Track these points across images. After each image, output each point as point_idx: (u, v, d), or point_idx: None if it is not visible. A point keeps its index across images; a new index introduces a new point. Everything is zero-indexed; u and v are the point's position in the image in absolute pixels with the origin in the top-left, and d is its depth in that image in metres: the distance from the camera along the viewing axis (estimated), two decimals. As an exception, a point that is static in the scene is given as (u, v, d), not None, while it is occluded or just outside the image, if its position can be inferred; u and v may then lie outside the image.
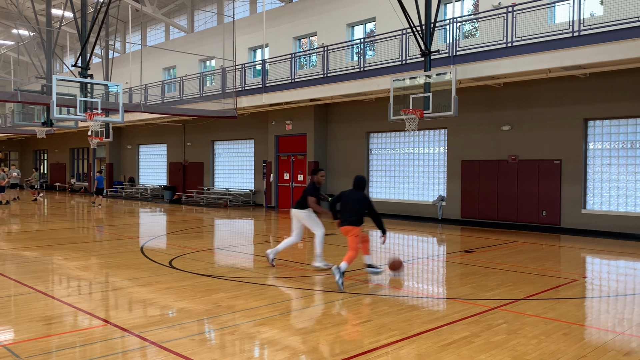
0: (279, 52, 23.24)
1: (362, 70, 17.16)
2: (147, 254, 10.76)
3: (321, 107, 21.31)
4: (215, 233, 15.52)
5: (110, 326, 5.85)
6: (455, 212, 17.40)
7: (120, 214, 20.86)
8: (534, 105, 15.63)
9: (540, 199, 15.45)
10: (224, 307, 6.68)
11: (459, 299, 7.22)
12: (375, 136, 20.20)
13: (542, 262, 10.24)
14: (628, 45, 11.78)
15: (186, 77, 25.57)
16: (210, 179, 27.37)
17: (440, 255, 11.28)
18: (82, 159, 38.65)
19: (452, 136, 17.54)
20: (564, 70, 13.67)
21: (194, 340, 5.41)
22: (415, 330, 5.74)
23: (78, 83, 17.54)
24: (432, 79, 13.98)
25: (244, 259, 10.64)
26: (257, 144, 24.64)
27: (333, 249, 11.80)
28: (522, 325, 5.99)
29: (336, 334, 5.60)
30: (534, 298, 7.29)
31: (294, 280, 8.32)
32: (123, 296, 7.30)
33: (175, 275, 8.64)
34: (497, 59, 13.87)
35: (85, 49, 17.77)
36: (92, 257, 10.58)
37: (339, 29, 21.49)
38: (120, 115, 17.24)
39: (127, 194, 31.62)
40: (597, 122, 14.71)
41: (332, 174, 21.39)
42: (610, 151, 14.47)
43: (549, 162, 15.28)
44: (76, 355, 4.95)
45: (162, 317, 6.30)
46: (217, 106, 21.89)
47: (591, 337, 5.69)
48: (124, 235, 13.91)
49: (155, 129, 30.28)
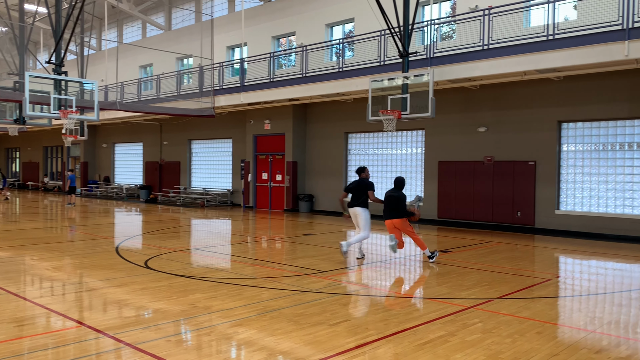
0: (257, 51, 23.15)
1: (340, 71, 17.21)
2: (123, 254, 10.62)
3: (300, 107, 21.30)
4: (192, 233, 15.39)
5: (84, 327, 5.76)
6: (432, 212, 17.56)
7: (95, 214, 20.54)
8: (509, 107, 15.86)
9: (515, 199, 15.68)
10: (201, 307, 6.63)
11: (435, 299, 7.29)
12: (353, 136, 20.27)
13: (517, 261, 10.40)
14: (600, 49, 12.04)
15: (163, 75, 25.30)
16: (187, 178, 27.14)
17: (418, 255, 11.37)
18: (56, 158, 37.95)
19: (430, 137, 17.70)
20: (538, 73, 13.90)
21: (169, 341, 5.36)
22: (391, 330, 5.78)
23: (52, 80, 17.22)
24: (410, 80, 14.09)
25: (221, 260, 10.57)
26: (235, 143, 24.51)
27: (311, 249, 11.80)
28: (497, 324, 6.07)
29: (313, 334, 5.60)
30: (508, 297, 7.40)
31: (271, 281, 8.30)
32: (97, 297, 7.19)
33: (151, 276, 8.55)
34: (474, 61, 14.04)
35: (59, 46, 17.45)
36: (65, 257, 10.40)
37: (318, 29, 21.51)
38: (95, 113, 16.98)
39: (102, 193, 31.16)
40: (570, 125, 15.00)
41: (311, 174, 21.40)
42: (583, 153, 14.77)
43: (524, 164, 15.53)
44: (49, 358, 4.86)
45: (137, 318, 6.22)
46: (194, 105, 21.71)
47: (564, 335, 5.80)
48: (99, 235, 13.71)
49: (132, 127, 29.91)
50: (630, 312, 6.82)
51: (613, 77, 13.85)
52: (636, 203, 13.85)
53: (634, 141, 13.92)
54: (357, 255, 10.59)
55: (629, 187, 13.95)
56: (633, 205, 13.89)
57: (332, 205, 20.53)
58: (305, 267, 9.50)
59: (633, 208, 13.89)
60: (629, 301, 7.44)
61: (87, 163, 33.77)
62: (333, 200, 20.47)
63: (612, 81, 13.94)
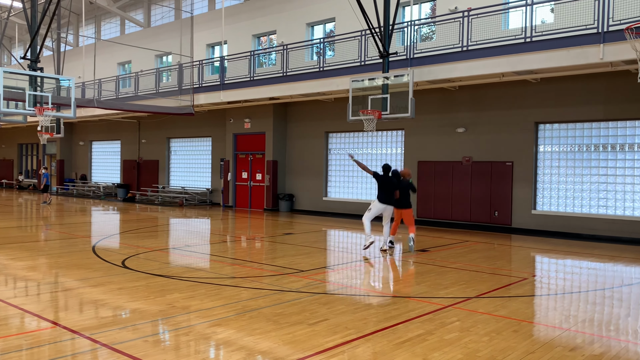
0: (237, 49, 23.03)
1: (321, 70, 17.21)
2: (99, 254, 10.47)
3: (280, 106, 21.25)
4: (171, 232, 15.26)
5: (60, 328, 5.67)
6: (412, 212, 17.66)
7: (72, 213, 20.22)
8: (487, 109, 16.04)
9: (492, 199, 15.88)
10: (179, 307, 6.57)
11: (414, 298, 7.34)
12: (334, 136, 20.30)
13: (494, 261, 10.53)
14: (576, 52, 12.25)
15: (142, 73, 25.00)
16: (165, 177, 26.87)
17: (397, 254, 11.43)
18: (31, 155, 37.25)
19: (409, 137, 17.82)
20: (516, 75, 14.08)
21: (147, 341, 5.30)
22: (370, 329, 5.81)
23: (27, 76, 16.89)
24: (390, 80, 14.16)
25: (199, 259, 10.50)
26: (215, 142, 24.35)
27: (291, 249, 11.79)
28: (475, 322, 6.14)
29: (292, 334, 5.60)
30: (485, 296, 7.49)
31: (250, 281, 8.27)
32: (73, 297, 7.08)
33: (129, 276, 8.45)
34: (453, 63, 14.17)
35: (35, 41, 17.13)
36: (40, 256, 10.22)
37: (298, 28, 21.48)
38: (72, 111, 16.71)
39: (79, 191, 30.68)
40: (547, 126, 15.24)
41: (291, 173, 21.37)
42: (559, 154, 15.01)
43: (502, 164, 15.72)
44: (23, 359, 4.77)
45: (114, 318, 6.14)
46: (173, 103, 21.50)
47: (539, 333, 5.89)
48: (75, 235, 13.50)
49: (109, 125, 29.51)
50: (603, 311, 6.96)
51: (588, 80, 14.11)
52: (610, 204, 14.14)
53: (609, 142, 14.20)
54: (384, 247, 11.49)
55: (604, 188, 14.23)
56: (607, 205, 14.17)
57: (312, 205, 20.54)
58: (284, 266, 9.49)
59: (607, 208, 14.17)
60: (603, 299, 7.59)
61: (64, 161, 33.21)
62: (313, 200, 20.49)
63: (587, 84, 14.20)
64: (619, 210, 14.01)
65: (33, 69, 17.02)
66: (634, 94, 13.43)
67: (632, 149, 13.84)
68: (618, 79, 13.62)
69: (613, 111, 13.93)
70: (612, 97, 13.90)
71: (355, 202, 19.32)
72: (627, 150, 13.94)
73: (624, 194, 13.94)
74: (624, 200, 13.94)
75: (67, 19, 27.27)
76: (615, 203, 14.06)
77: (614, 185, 14.10)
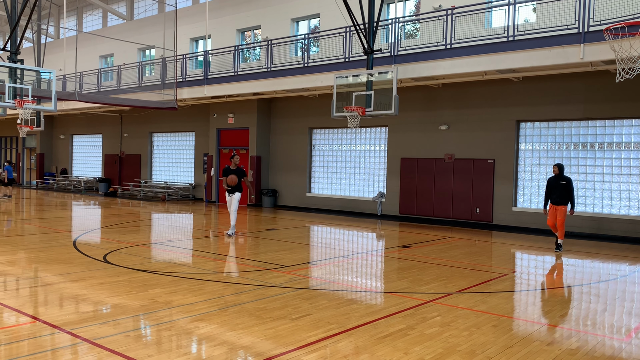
0: (221, 43, 22.90)
1: (305, 66, 17.20)
2: (80, 249, 10.37)
3: (264, 102, 21.20)
4: (153, 227, 15.16)
5: (40, 323, 5.62)
6: (394, 208, 17.80)
7: (52, 207, 19.97)
8: (470, 107, 16.20)
9: (474, 196, 16.05)
10: (161, 302, 6.55)
11: (396, 293, 7.41)
12: (318, 132, 20.32)
13: (475, 257, 10.66)
14: (557, 52, 12.43)
15: (124, 66, 24.73)
16: (148, 171, 26.66)
17: (379, 250, 11.51)
18: (11, 149, 36.64)
19: (393, 134, 17.91)
20: (498, 74, 14.24)
21: (128, 336, 5.28)
22: (353, 324, 5.85)
23: (7, 68, 16.61)
24: (374, 77, 14.21)
25: (182, 254, 10.45)
26: (198, 136, 24.21)
27: (274, 244, 11.80)
28: (455, 317, 6.22)
29: (275, 329, 5.62)
30: (466, 292, 7.59)
31: (233, 276, 8.26)
32: (53, 292, 7.02)
33: (110, 271, 8.39)
34: (437, 60, 14.27)
35: (15, 33, 16.84)
36: (19, 251, 10.09)
37: (283, 23, 21.42)
38: (52, 104, 16.49)
39: (60, 185, 30.29)
40: (528, 124, 15.43)
41: (275, 169, 21.35)
42: (540, 152, 15.22)
43: (483, 162, 15.90)
44: (1, 354, 4.73)
45: (95, 313, 6.11)
46: (156, 97, 21.32)
47: (518, 328, 5.99)
48: (55, 229, 13.35)
49: (91, 118, 29.15)
50: (581, 306, 7.09)
51: (569, 79, 14.32)
52: (588, 201, 14.38)
53: (587, 141, 14.44)
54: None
55: (582, 186, 14.47)
56: (585, 203, 14.41)
57: (296, 201, 20.56)
58: (267, 262, 9.50)
59: (585, 206, 14.41)
60: (580, 295, 7.74)
61: (44, 154, 32.75)
62: (297, 196, 20.50)
63: (567, 83, 14.41)
64: (597, 208, 14.27)
65: (13, 60, 16.75)
66: (613, 94, 13.68)
67: (611, 148, 14.09)
68: (598, 78, 13.85)
69: (592, 110, 14.16)
70: (592, 97, 14.13)
71: (338, 198, 19.38)
72: (605, 149, 14.18)
73: (602, 192, 14.19)
74: (602, 198, 14.19)
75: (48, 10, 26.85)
76: (594, 201, 14.32)
77: (592, 183, 14.34)
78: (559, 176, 11.47)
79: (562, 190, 11.36)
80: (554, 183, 11.48)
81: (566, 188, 11.35)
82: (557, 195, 11.43)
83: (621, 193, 13.93)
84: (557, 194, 11.44)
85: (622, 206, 13.92)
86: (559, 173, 11.49)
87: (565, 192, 11.36)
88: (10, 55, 16.84)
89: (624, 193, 13.89)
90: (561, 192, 11.38)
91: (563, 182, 11.38)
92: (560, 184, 11.39)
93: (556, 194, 11.45)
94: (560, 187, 11.39)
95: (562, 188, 11.37)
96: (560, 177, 11.46)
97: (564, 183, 11.37)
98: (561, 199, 11.39)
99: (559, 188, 11.40)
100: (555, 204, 11.48)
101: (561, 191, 11.38)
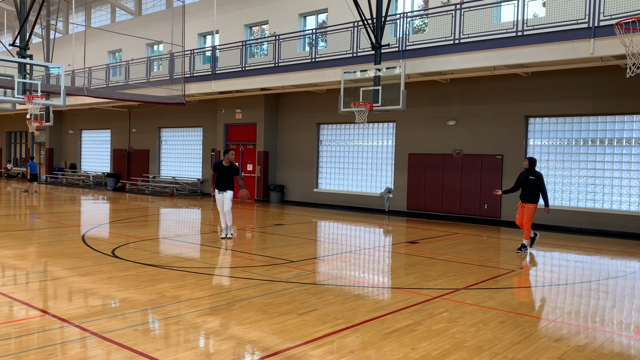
0: (229, 39, 22.90)
1: (313, 61, 17.18)
2: (89, 243, 10.44)
3: (272, 97, 21.19)
4: (161, 222, 15.22)
5: (49, 317, 5.66)
6: (402, 204, 17.76)
7: (61, 201, 20.10)
8: (478, 102, 16.11)
9: (482, 192, 15.98)
10: (169, 297, 6.58)
11: (403, 289, 7.40)
12: (325, 127, 20.30)
13: (483, 253, 10.62)
14: (567, 47, 12.32)
15: (132, 62, 24.81)
16: (156, 166, 26.75)
17: (386, 245, 11.50)
18: (20, 144, 36.91)
19: (400, 130, 17.86)
20: (507, 69, 14.14)
21: (136, 330, 5.32)
22: (359, 319, 5.86)
23: (16, 63, 16.71)
24: (382, 72, 14.16)
25: (190, 249, 10.50)
26: (206, 132, 24.26)
27: (281, 239, 11.82)
28: (462, 313, 6.21)
29: (282, 324, 5.63)
30: (474, 288, 7.57)
31: (240, 271, 8.29)
32: (62, 286, 7.07)
33: (118, 265, 8.44)
34: (445, 55, 14.20)
35: (24, 28, 16.93)
36: (29, 245, 10.17)
37: (291, 18, 21.38)
38: (61, 99, 16.56)
39: (68, 180, 30.48)
40: (537, 120, 15.33)
41: (282, 164, 21.36)
42: (549, 148, 15.12)
43: (492, 157, 15.82)
44: (11, 347, 4.77)
45: (103, 307, 6.15)
46: (164, 92, 21.37)
47: (526, 324, 5.96)
48: (65, 223, 13.44)
49: (99, 114, 29.28)
50: (589, 303, 7.06)
51: (578, 74, 14.20)
52: (597, 197, 14.28)
53: (597, 137, 14.32)
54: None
55: (592, 182, 14.37)
56: (594, 199, 14.32)
57: (303, 196, 20.57)
58: (275, 257, 9.52)
59: (594, 202, 14.31)
60: (589, 292, 7.69)
61: (53, 150, 32.96)
62: (304, 191, 20.51)
63: (577, 78, 14.29)
64: (606, 204, 14.17)
65: (22, 56, 16.84)
66: (624, 89, 13.55)
67: (621, 144, 13.98)
68: (608, 73, 13.72)
69: (602, 106, 14.04)
70: (602, 92, 14.01)
71: (346, 193, 19.37)
72: (615, 144, 14.07)
73: (611, 188, 14.09)
74: (611, 194, 14.09)
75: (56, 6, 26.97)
76: (603, 197, 14.21)
77: (602, 179, 14.24)
78: (528, 171, 10.61)
79: (531, 187, 10.50)
80: (524, 178, 10.67)
81: (535, 184, 10.49)
82: (525, 191, 10.58)
83: (631, 189, 13.82)
84: (525, 190, 10.59)
85: (632, 202, 13.81)
86: (529, 167, 10.61)
87: (534, 189, 10.49)
88: (20, 50, 16.94)
89: (634, 189, 13.77)
90: (529, 189, 10.51)
91: (532, 177, 10.51)
92: (529, 179, 10.54)
93: (525, 190, 10.61)
94: (529, 182, 10.54)
95: (531, 184, 10.50)
96: (530, 171, 10.59)
97: (532, 178, 10.50)
98: (529, 195, 10.52)
99: (528, 184, 10.54)
100: (523, 201, 10.63)
101: (530, 187, 10.51)
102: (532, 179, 10.50)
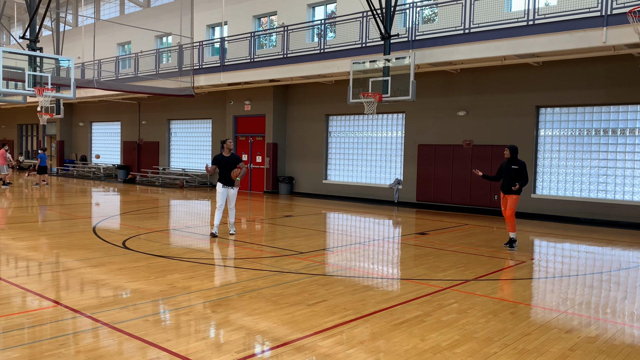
0: (238, 30, 22.85)
1: (322, 52, 17.10)
2: (100, 234, 10.52)
3: (281, 88, 21.16)
4: (171, 214, 15.30)
5: (61, 307, 5.72)
6: (411, 195, 17.71)
7: (72, 193, 20.26)
8: (488, 92, 15.97)
9: (492, 183, 15.86)
10: (179, 288, 6.63)
11: (412, 280, 7.39)
12: (334, 119, 20.24)
13: (493, 244, 10.58)
14: (579, 36, 12.17)
15: (142, 54, 24.85)
16: (165, 158, 26.87)
17: (396, 237, 11.48)
18: (31, 136, 37.21)
19: (410, 120, 17.77)
20: (518, 58, 14.00)
21: (147, 321, 5.36)
22: (369, 310, 5.86)
23: (26, 56, 16.80)
24: (391, 63, 14.08)
25: (200, 240, 10.55)
26: (215, 124, 24.30)
27: (291, 231, 11.84)
28: (472, 304, 6.19)
29: (291, 314, 5.65)
30: (483, 279, 7.54)
31: (250, 262, 8.32)
32: (74, 277, 7.14)
33: (129, 256, 8.50)
34: (455, 45, 14.08)
35: (34, 21, 17.00)
36: (41, 237, 10.27)
37: (299, 9, 21.28)
38: (71, 91, 16.65)
39: (79, 172, 30.70)
40: (548, 110, 15.18)
41: (291, 156, 21.36)
42: (560, 138, 14.99)
43: (502, 148, 15.66)
44: (25, 337, 4.83)
45: (115, 298, 6.20)
46: (173, 84, 21.41)
47: (536, 316, 5.94)
48: (76, 215, 13.55)
49: (109, 106, 29.41)
50: (600, 294, 7.01)
51: (590, 64, 14.02)
52: (609, 188, 14.15)
53: (609, 127, 14.17)
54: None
55: (603, 172, 14.23)
56: (606, 190, 14.19)
57: (312, 188, 20.57)
58: (284, 248, 9.54)
59: (606, 193, 14.19)
60: (600, 283, 7.64)
61: (64, 142, 33.19)
62: (313, 183, 20.51)
63: (589, 67, 14.11)
64: (618, 195, 14.04)
65: (32, 48, 16.93)
66: (637, 78, 13.36)
67: (633, 134, 13.82)
68: (620, 62, 13.54)
69: (615, 95, 13.87)
70: (614, 81, 13.83)
71: (355, 185, 19.34)
72: (627, 134, 13.91)
73: (623, 179, 13.95)
74: (623, 185, 13.95)
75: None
76: (615, 187, 14.08)
77: (613, 169, 14.10)
78: (510, 160, 9.86)
79: (513, 177, 9.76)
80: (505, 168, 9.94)
81: (517, 174, 9.75)
82: (507, 182, 9.84)
83: (643, 180, 13.67)
84: (507, 181, 9.85)
85: (644, 193, 13.68)
86: (510, 157, 9.86)
87: (516, 179, 9.74)
88: (30, 43, 17.02)
89: (646, 180, 13.63)
90: (512, 179, 9.76)
91: (515, 166, 9.78)
92: (512, 168, 9.79)
93: (506, 181, 9.86)
94: (511, 172, 9.78)
95: (514, 173, 9.76)
96: (512, 160, 9.85)
97: (515, 168, 9.76)
98: (510, 186, 9.80)
99: (511, 174, 9.78)
100: (504, 192, 9.93)
101: (512, 177, 9.76)
102: (515, 169, 9.79)
